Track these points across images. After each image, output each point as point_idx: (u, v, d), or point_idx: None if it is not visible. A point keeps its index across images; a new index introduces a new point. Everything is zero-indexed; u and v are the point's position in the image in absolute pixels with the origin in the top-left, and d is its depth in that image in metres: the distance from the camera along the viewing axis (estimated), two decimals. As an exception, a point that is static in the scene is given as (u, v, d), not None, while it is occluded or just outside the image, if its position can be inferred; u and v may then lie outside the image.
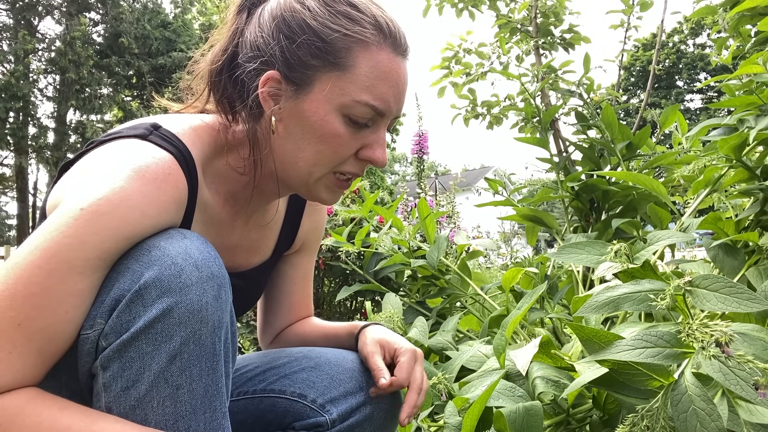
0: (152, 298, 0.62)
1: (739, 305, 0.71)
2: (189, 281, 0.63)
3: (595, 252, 1.01)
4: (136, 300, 0.62)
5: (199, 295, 0.63)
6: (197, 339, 0.63)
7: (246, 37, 0.77)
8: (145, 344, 0.61)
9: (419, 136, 3.47)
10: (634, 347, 0.71)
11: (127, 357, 0.61)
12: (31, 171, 19.73)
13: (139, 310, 0.61)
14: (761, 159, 1.39)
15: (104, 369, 0.62)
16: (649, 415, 0.68)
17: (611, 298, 0.81)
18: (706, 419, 0.63)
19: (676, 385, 0.68)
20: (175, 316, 0.62)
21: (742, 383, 0.63)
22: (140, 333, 0.61)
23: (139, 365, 0.62)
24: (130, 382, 0.62)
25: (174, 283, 0.62)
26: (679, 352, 0.69)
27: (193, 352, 0.63)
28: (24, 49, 17.06)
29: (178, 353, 0.62)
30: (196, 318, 0.63)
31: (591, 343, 0.77)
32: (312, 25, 0.72)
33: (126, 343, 0.61)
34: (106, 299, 0.62)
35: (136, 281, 0.62)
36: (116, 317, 0.61)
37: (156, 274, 0.62)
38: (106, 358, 0.62)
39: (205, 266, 0.65)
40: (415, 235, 2.00)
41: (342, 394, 0.91)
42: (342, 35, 0.72)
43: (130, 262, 0.64)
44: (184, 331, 0.62)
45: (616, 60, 2.39)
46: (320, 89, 0.72)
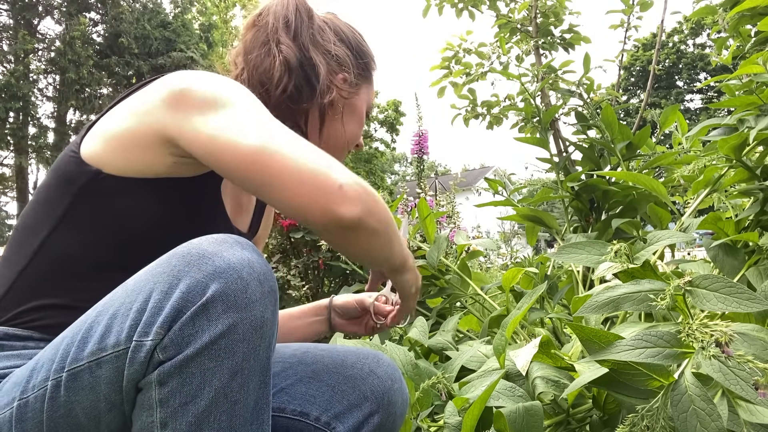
0: (218, 313, 0.60)
1: (739, 305, 0.71)
2: (254, 297, 0.62)
3: (595, 252, 1.01)
4: (201, 314, 0.60)
5: (261, 311, 0.63)
6: (256, 354, 0.63)
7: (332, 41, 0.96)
8: (208, 360, 0.60)
9: (419, 136, 3.47)
10: (634, 347, 0.71)
11: (188, 372, 0.60)
12: (31, 171, 19.73)
13: (204, 324, 0.60)
14: (761, 159, 1.39)
15: (161, 384, 0.60)
16: (649, 415, 0.68)
17: (611, 298, 0.82)
18: (706, 419, 0.63)
19: (676, 385, 0.68)
20: (239, 332, 0.61)
21: (742, 383, 0.63)
22: (204, 348, 0.60)
23: (200, 381, 0.60)
24: (190, 398, 0.60)
25: (240, 298, 0.61)
26: (679, 352, 0.69)
27: (253, 367, 0.63)
28: (24, 49, 17.07)
29: (239, 369, 0.62)
30: (258, 334, 0.63)
31: (591, 343, 0.77)
32: (364, 49, 1.01)
33: (189, 358, 0.60)
34: (165, 306, 0.60)
35: (201, 293, 0.60)
36: (178, 330, 0.60)
37: (222, 287, 0.61)
38: (165, 373, 0.60)
39: (266, 281, 0.64)
40: (415, 235, 2.00)
41: (347, 408, 0.87)
42: (373, 59, 1.03)
43: (189, 267, 0.62)
44: (246, 347, 0.62)
45: (616, 60, 2.39)
46: (364, 92, 1.01)
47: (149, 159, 0.76)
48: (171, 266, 0.62)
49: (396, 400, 0.90)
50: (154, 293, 0.61)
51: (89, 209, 0.76)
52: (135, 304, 0.62)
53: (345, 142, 1.00)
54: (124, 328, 0.61)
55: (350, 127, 1.00)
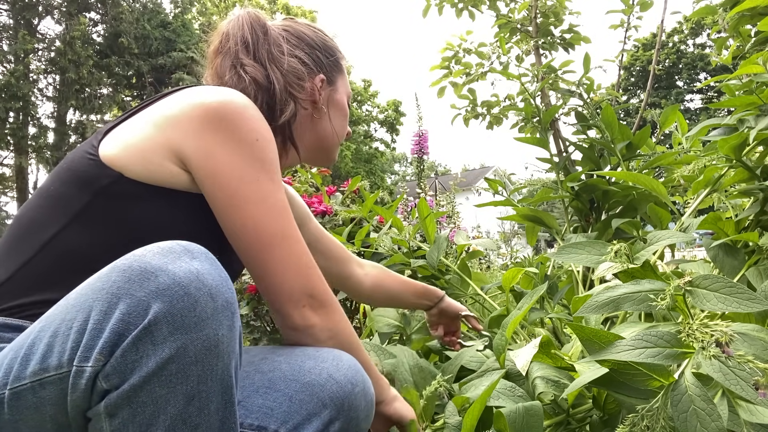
0: (163, 336, 0.56)
1: (739, 305, 0.71)
2: (204, 315, 0.58)
3: (595, 252, 1.01)
4: (144, 337, 0.55)
5: (215, 330, 0.59)
6: (213, 375, 0.59)
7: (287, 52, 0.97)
8: (159, 387, 0.56)
9: (419, 136, 3.47)
10: (634, 347, 0.71)
11: (139, 402, 0.56)
12: (31, 171, 19.72)
13: (149, 349, 0.55)
14: (761, 159, 1.39)
15: (111, 416, 0.56)
16: (649, 415, 0.68)
17: (611, 298, 0.82)
18: (707, 419, 0.63)
19: (676, 385, 0.68)
20: (191, 355, 0.57)
21: (742, 383, 0.63)
22: (152, 375, 0.56)
23: (153, 410, 0.56)
24: (144, 428, 0.56)
25: (188, 318, 0.57)
26: (680, 352, 0.69)
27: (211, 389, 0.59)
28: (24, 49, 17.07)
29: (195, 394, 0.58)
30: (213, 354, 0.59)
31: (591, 343, 0.77)
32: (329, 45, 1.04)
33: (136, 387, 0.56)
34: (105, 328, 0.56)
35: (143, 314, 0.56)
36: (120, 356, 0.55)
37: (167, 307, 0.56)
38: (113, 405, 0.56)
39: (219, 294, 0.60)
40: (415, 235, 2.00)
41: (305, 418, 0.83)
42: (339, 52, 1.06)
43: (130, 284, 0.57)
44: (201, 369, 0.58)
45: (616, 60, 2.39)
46: (340, 85, 1.05)
47: (168, 171, 0.78)
48: (110, 282, 0.58)
49: (358, 404, 0.85)
50: (93, 312, 0.57)
51: (105, 210, 0.77)
52: (75, 323, 0.57)
53: (336, 138, 1.06)
54: (66, 349, 0.57)
55: (337, 122, 1.05)
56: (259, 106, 0.87)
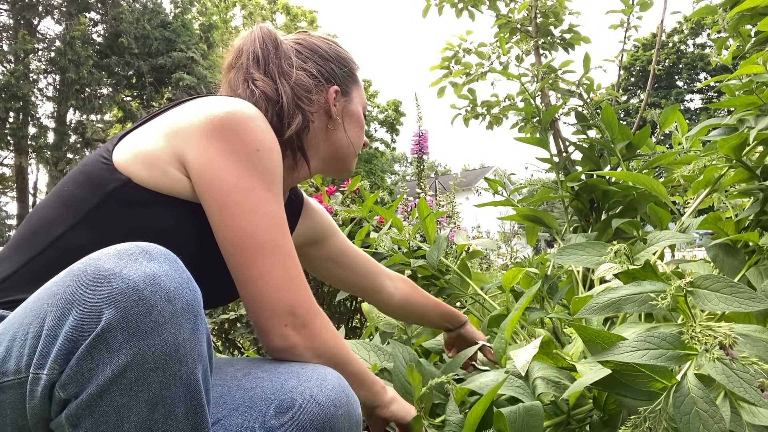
0: (119, 343, 0.54)
1: (740, 305, 0.71)
2: (161, 319, 0.56)
3: (595, 253, 1.01)
4: (99, 345, 0.54)
5: (174, 334, 0.56)
6: (177, 380, 0.57)
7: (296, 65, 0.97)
8: (119, 396, 0.54)
9: (419, 136, 3.47)
10: (636, 348, 0.70)
11: (100, 411, 0.54)
12: (31, 171, 19.73)
13: (104, 357, 0.54)
14: (761, 159, 1.39)
15: (74, 426, 0.55)
16: (651, 416, 0.68)
17: (613, 300, 0.81)
18: (709, 421, 0.63)
19: (678, 386, 0.68)
20: (149, 362, 0.55)
21: (746, 386, 0.63)
22: (110, 384, 0.54)
23: (116, 419, 0.55)
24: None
25: (144, 323, 0.55)
26: (682, 354, 0.69)
27: (176, 394, 0.57)
28: (24, 49, 17.06)
29: (158, 399, 0.56)
30: (174, 359, 0.56)
31: (594, 344, 0.77)
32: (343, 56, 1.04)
33: (95, 396, 0.54)
34: (58, 335, 0.54)
35: (96, 321, 0.54)
36: (75, 365, 0.54)
37: (120, 313, 0.54)
38: (74, 415, 0.55)
39: (178, 296, 0.58)
40: (415, 235, 2.00)
41: None
42: (353, 63, 1.06)
43: (83, 289, 0.55)
44: (162, 375, 0.56)
45: (616, 60, 2.39)
46: (355, 95, 1.05)
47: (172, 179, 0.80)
48: (65, 287, 0.57)
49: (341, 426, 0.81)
50: (47, 318, 0.56)
51: (112, 214, 0.79)
52: (31, 327, 0.57)
53: (352, 148, 1.06)
54: (23, 354, 0.56)
55: (353, 133, 1.05)
56: (269, 120, 0.89)
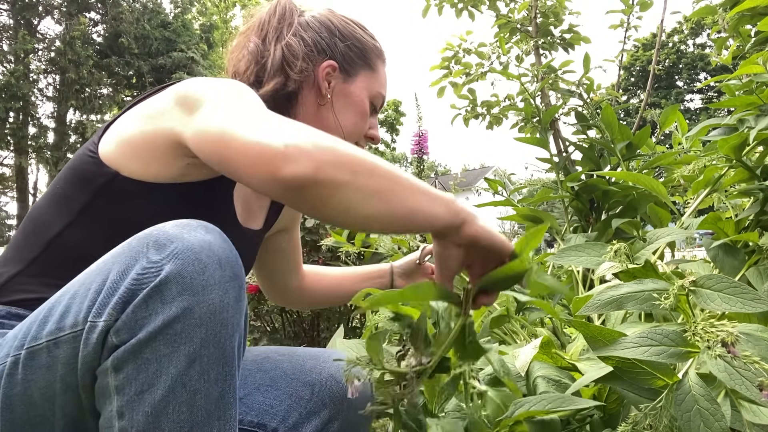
0: (172, 295, 0.58)
1: (743, 305, 0.71)
2: (212, 280, 0.60)
3: (594, 253, 1.01)
4: (155, 295, 0.58)
5: (221, 296, 0.60)
6: (216, 341, 0.60)
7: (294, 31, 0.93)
8: (163, 345, 0.58)
9: (419, 136, 3.46)
10: (639, 345, 0.70)
11: (143, 358, 0.58)
12: (31, 171, 19.73)
13: (157, 307, 0.58)
14: (761, 159, 1.39)
15: (117, 370, 0.58)
16: (652, 414, 0.68)
17: (614, 298, 0.81)
18: (710, 419, 0.63)
19: (680, 384, 0.68)
20: (196, 317, 0.59)
21: (747, 383, 0.63)
22: (158, 333, 0.58)
23: (156, 368, 0.58)
24: (146, 386, 0.58)
25: (197, 280, 0.59)
26: (684, 351, 0.69)
27: (213, 354, 0.60)
28: (24, 49, 17.07)
29: (197, 356, 0.59)
30: (217, 320, 0.60)
31: (595, 340, 0.76)
32: (358, 37, 0.98)
33: (142, 343, 0.58)
34: (120, 287, 0.59)
35: (156, 274, 0.58)
36: (131, 312, 0.58)
37: (178, 268, 0.59)
38: (119, 359, 0.58)
39: (228, 265, 0.62)
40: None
41: (305, 416, 0.85)
42: (373, 46, 0.99)
43: (147, 248, 0.60)
44: (204, 332, 0.59)
45: (616, 60, 2.39)
46: (361, 80, 0.97)
47: (163, 163, 0.78)
48: (130, 247, 0.61)
49: (358, 404, 0.86)
50: (111, 274, 0.60)
51: (104, 209, 0.79)
52: (93, 284, 0.61)
53: (339, 132, 0.95)
54: (82, 309, 0.60)
55: (344, 116, 0.96)
56: (246, 78, 0.91)
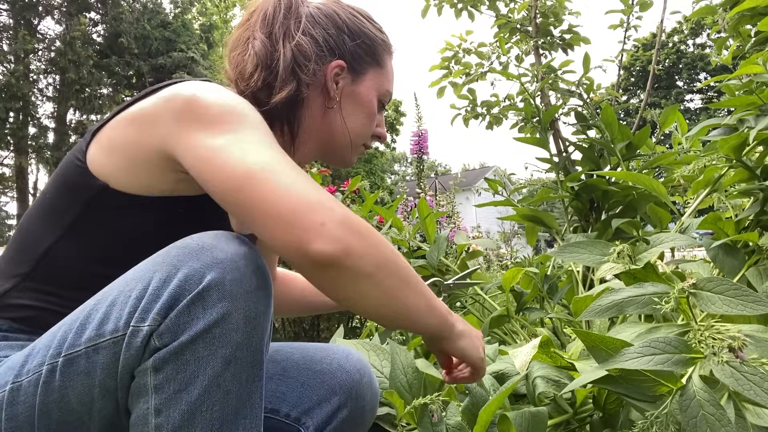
0: (213, 301, 0.61)
1: (744, 308, 0.70)
2: (249, 288, 0.63)
3: (597, 252, 1.01)
4: (197, 301, 0.61)
5: (255, 303, 0.64)
6: (249, 345, 0.64)
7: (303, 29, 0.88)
8: (202, 347, 0.61)
9: (418, 135, 3.47)
10: (642, 354, 0.69)
11: (183, 359, 0.61)
12: (31, 171, 19.72)
13: (199, 312, 0.61)
14: (761, 159, 1.39)
15: (157, 370, 0.61)
16: (658, 421, 0.67)
17: (615, 302, 0.80)
18: (716, 424, 0.63)
19: (684, 390, 0.67)
20: (233, 322, 0.62)
21: (756, 388, 0.62)
22: (198, 336, 0.61)
23: (194, 368, 0.61)
24: (183, 385, 0.61)
25: (236, 288, 0.62)
26: (688, 358, 0.68)
27: (245, 358, 0.63)
28: (24, 49, 17.06)
29: (232, 359, 0.62)
30: (251, 325, 0.63)
31: (597, 350, 0.75)
32: (366, 32, 0.92)
33: (183, 345, 0.61)
34: (163, 293, 0.61)
35: (198, 281, 0.61)
36: (175, 317, 0.61)
37: (219, 276, 0.62)
38: (160, 360, 0.61)
39: (261, 275, 0.65)
40: (415, 235, 2.01)
41: (316, 403, 0.90)
42: (381, 41, 0.94)
43: (188, 257, 0.63)
44: (240, 337, 0.63)
45: (615, 60, 2.39)
46: (370, 79, 0.92)
47: (154, 176, 0.76)
48: (170, 256, 0.64)
49: (365, 394, 0.93)
50: (152, 281, 0.62)
51: (95, 222, 0.77)
52: (134, 291, 0.63)
53: (347, 136, 0.92)
54: (123, 315, 0.62)
55: (352, 118, 0.91)
56: (253, 83, 0.84)
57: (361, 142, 0.95)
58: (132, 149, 0.76)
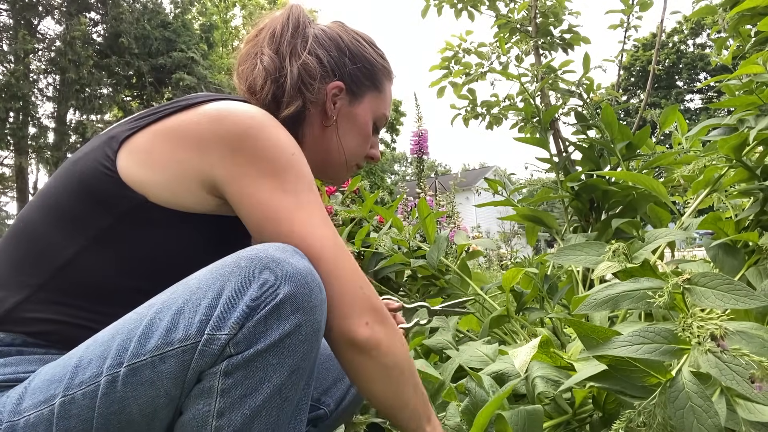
0: (287, 313, 0.64)
1: (737, 302, 0.71)
2: (316, 302, 0.67)
3: (594, 253, 1.01)
4: (273, 312, 0.64)
5: (320, 316, 0.68)
6: (311, 356, 0.68)
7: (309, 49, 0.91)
8: (273, 356, 0.64)
9: (418, 135, 3.47)
10: (632, 343, 0.71)
11: (253, 366, 0.63)
12: (31, 171, 19.72)
13: (274, 323, 0.64)
14: (761, 159, 1.39)
15: (227, 375, 0.63)
16: (646, 411, 0.68)
17: (610, 296, 0.81)
18: (703, 416, 0.63)
19: (673, 382, 0.68)
20: (303, 333, 0.65)
21: (737, 378, 0.63)
22: (272, 346, 0.64)
23: (262, 375, 0.64)
24: (250, 391, 0.63)
25: (306, 301, 0.66)
26: (677, 349, 0.70)
27: (307, 367, 0.68)
28: (24, 49, 17.06)
29: (297, 368, 0.66)
30: (316, 337, 0.67)
31: (589, 339, 0.77)
32: (367, 57, 0.96)
33: (257, 354, 0.63)
34: (239, 303, 0.63)
35: (274, 294, 0.64)
36: (252, 327, 0.63)
37: (292, 290, 0.65)
38: (233, 365, 0.63)
39: (322, 290, 0.69)
40: (415, 235, 2.01)
41: (332, 383, 0.99)
42: (381, 67, 0.98)
43: (261, 269, 0.65)
44: (306, 347, 0.66)
45: (615, 60, 2.39)
46: (367, 101, 0.96)
47: (196, 196, 0.76)
48: (241, 267, 0.65)
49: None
50: (225, 291, 0.64)
51: (128, 236, 0.75)
52: (204, 300, 0.64)
53: (342, 156, 0.96)
54: (194, 323, 0.63)
55: (347, 138, 0.95)
56: (263, 98, 0.87)
57: (354, 162, 1.00)
58: (175, 168, 0.75)
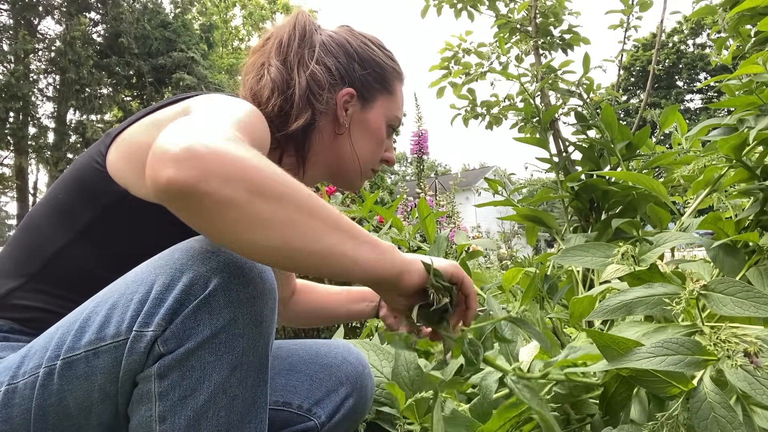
0: (219, 307, 0.60)
1: (757, 309, 0.69)
2: (254, 293, 0.63)
3: (599, 254, 1.00)
4: (203, 307, 0.60)
5: (261, 308, 0.63)
6: (255, 350, 0.63)
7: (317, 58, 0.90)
8: (208, 354, 0.60)
9: (418, 135, 3.46)
10: (654, 355, 0.68)
11: (189, 366, 0.60)
12: (31, 171, 19.72)
13: (205, 318, 0.60)
14: (761, 159, 1.39)
15: (161, 377, 0.60)
16: (668, 423, 0.66)
17: (624, 302, 0.79)
18: (727, 426, 0.62)
19: (695, 392, 0.66)
20: (239, 327, 0.61)
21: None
22: (205, 342, 0.60)
23: (200, 374, 0.61)
24: (189, 392, 0.60)
25: (242, 293, 0.61)
26: (701, 360, 0.68)
27: (251, 363, 0.63)
28: (24, 49, 17.06)
29: (238, 364, 0.62)
30: (257, 330, 0.63)
31: (609, 349, 0.74)
32: (377, 60, 0.95)
33: (189, 351, 0.60)
34: (167, 298, 0.60)
35: (204, 286, 0.60)
36: (180, 323, 0.60)
37: (225, 281, 0.61)
38: (165, 366, 0.60)
39: (267, 278, 0.65)
40: (415, 235, 2.01)
41: (325, 394, 0.95)
42: (391, 69, 0.97)
43: (193, 261, 0.61)
44: (246, 342, 0.62)
45: (615, 60, 2.39)
46: (379, 105, 0.95)
47: None
48: (174, 259, 0.62)
49: (367, 383, 1.00)
50: (155, 285, 0.61)
51: (111, 228, 0.76)
52: (136, 295, 0.61)
53: (356, 162, 0.95)
54: (125, 319, 0.61)
55: (361, 145, 0.94)
56: (270, 108, 0.86)
57: (369, 168, 0.98)
58: None
